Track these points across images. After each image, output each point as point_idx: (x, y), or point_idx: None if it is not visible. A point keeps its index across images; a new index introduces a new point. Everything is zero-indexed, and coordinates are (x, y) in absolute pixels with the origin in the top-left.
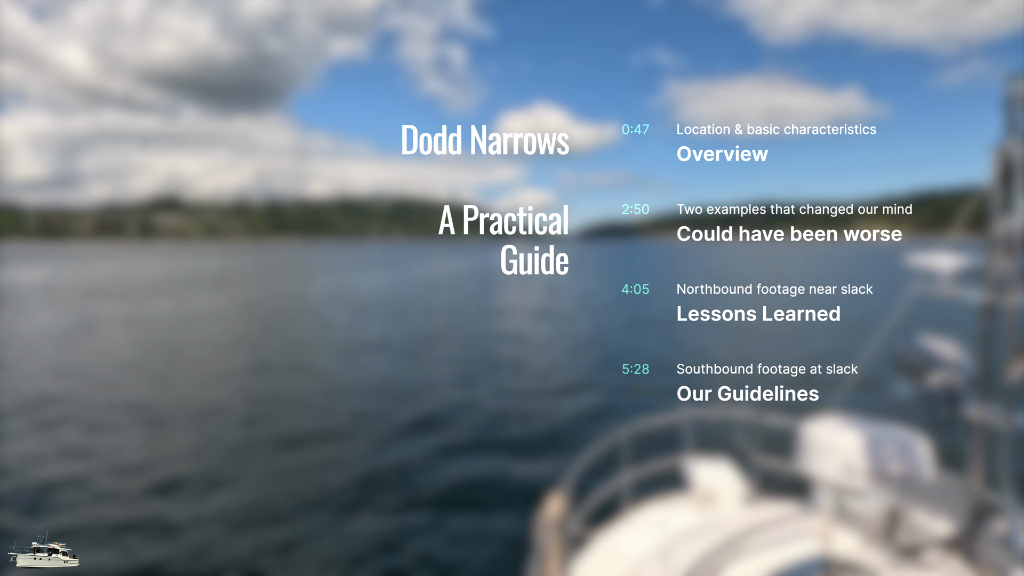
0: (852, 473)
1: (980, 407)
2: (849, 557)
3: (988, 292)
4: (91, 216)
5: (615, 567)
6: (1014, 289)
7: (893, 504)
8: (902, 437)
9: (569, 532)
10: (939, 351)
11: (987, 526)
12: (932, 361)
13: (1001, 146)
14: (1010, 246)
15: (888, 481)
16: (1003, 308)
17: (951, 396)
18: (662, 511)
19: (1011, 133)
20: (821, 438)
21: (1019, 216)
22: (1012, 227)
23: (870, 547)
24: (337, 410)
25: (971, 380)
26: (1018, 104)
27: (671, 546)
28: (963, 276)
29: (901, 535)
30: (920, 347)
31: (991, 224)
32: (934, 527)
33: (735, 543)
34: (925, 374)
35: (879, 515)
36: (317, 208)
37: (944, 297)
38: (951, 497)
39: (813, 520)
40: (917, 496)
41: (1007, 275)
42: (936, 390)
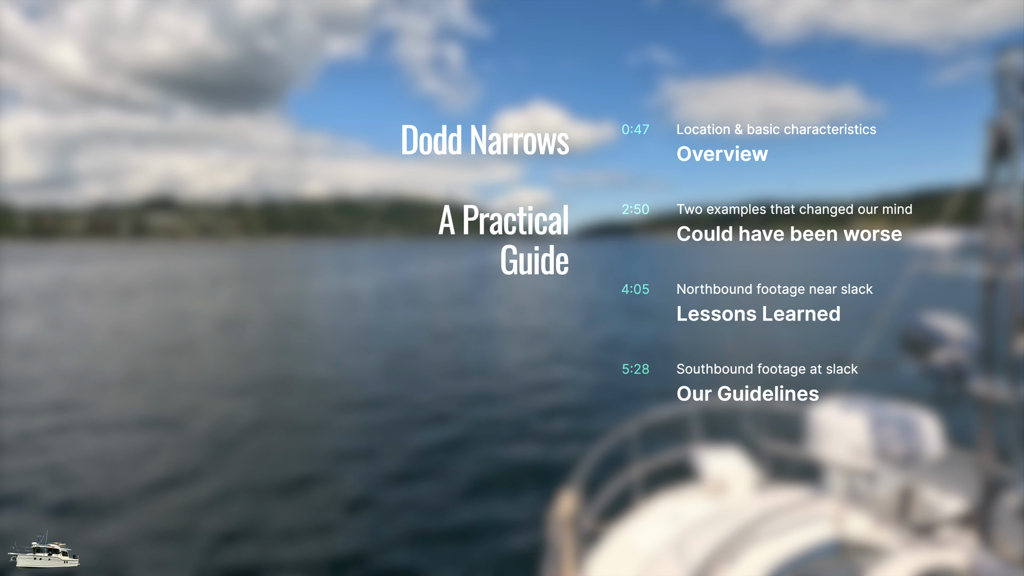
0: (862, 454)
1: (986, 382)
2: (863, 538)
3: (988, 266)
4: (83, 216)
5: (630, 561)
6: (1014, 262)
7: (905, 483)
8: (910, 416)
9: (582, 528)
10: (943, 328)
11: (1000, 500)
12: (937, 338)
13: (994, 120)
14: (1008, 219)
15: (898, 461)
16: (1004, 282)
17: (957, 372)
18: (674, 503)
19: (1003, 106)
20: (829, 421)
21: (1016, 188)
22: (1009, 200)
23: (883, 527)
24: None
25: (976, 355)
26: (1009, 77)
27: (685, 537)
28: (962, 252)
29: (914, 514)
30: (924, 325)
31: (988, 198)
32: (947, 504)
33: (749, 530)
34: (930, 351)
35: (891, 495)
36: (313, 208)
37: (944, 274)
38: (962, 474)
39: (825, 504)
40: (928, 474)
41: (1006, 248)
42: (942, 367)
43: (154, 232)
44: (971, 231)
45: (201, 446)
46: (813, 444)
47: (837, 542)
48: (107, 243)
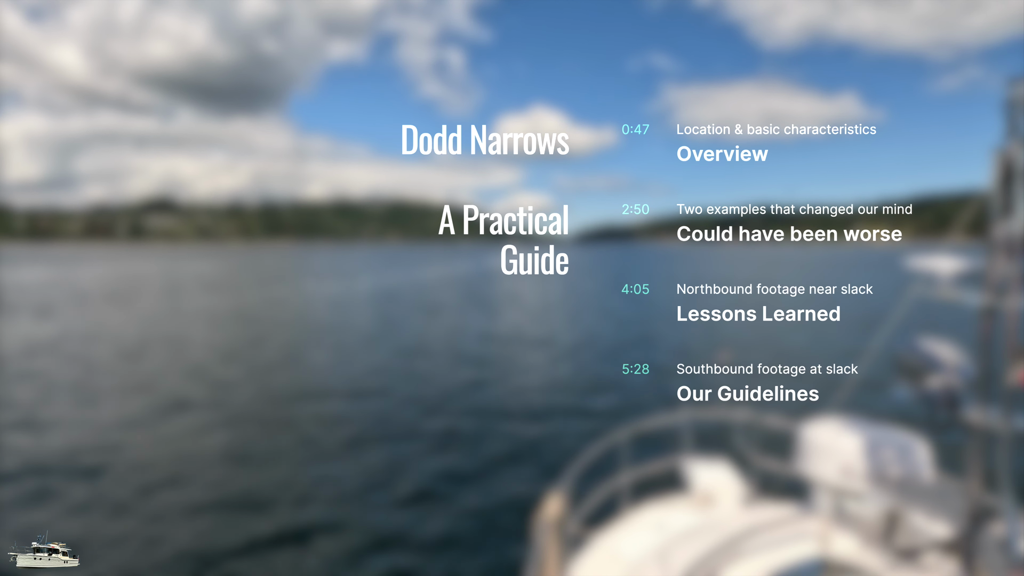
0: (851, 475)
1: (979, 410)
2: (848, 559)
3: (988, 295)
4: (80, 218)
5: (613, 568)
6: (1014, 292)
7: (892, 506)
8: (901, 439)
9: (568, 533)
10: (939, 354)
11: (986, 529)
12: (932, 363)
13: (1002, 149)
14: (1010, 249)
15: (887, 483)
16: (1003, 311)
17: (951, 399)
18: (661, 512)
19: (1012, 136)
20: (820, 440)
21: (1019, 219)
22: (1012, 230)
23: (869, 549)
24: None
25: (971, 383)
26: (1019, 108)
27: (669, 547)
28: (963, 279)
29: (899, 537)
30: (920, 349)
31: (991, 227)
32: (932, 530)
33: (734, 544)
34: (925, 376)
35: (878, 517)
36: (312, 210)
37: (944, 300)
38: (950, 500)
39: (812, 522)
40: (916, 499)
41: (1007, 278)
42: (935, 392)
43: (152, 234)
44: (973, 258)
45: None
46: (803, 462)
47: (821, 561)
48: (103, 245)
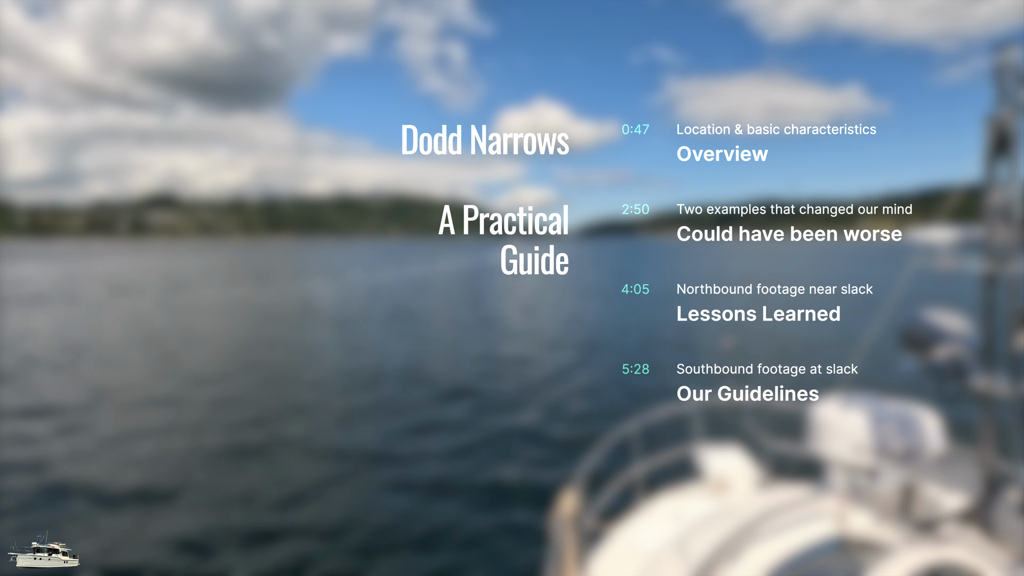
0: (863, 451)
1: (986, 378)
2: (865, 535)
3: (988, 262)
4: (82, 214)
5: (632, 560)
6: (1014, 258)
7: (906, 480)
8: (911, 412)
9: (584, 527)
10: (944, 324)
11: (1002, 496)
12: (937, 334)
13: (993, 116)
14: (1007, 215)
15: (900, 457)
16: (1004, 278)
17: (958, 368)
18: (676, 501)
19: (1003, 102)
20: (830, 418)
21: (1016, 184)
22: (1009, 196)
23: (886, 524)
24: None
25: (977, 351)
26: (1008, 73)
27: (687, 535)
28: (962, 248)
29: (916, 510)
30: (925, 321)
31: (987, 194)
32: (949, 501)
33: (751, 528)
34: (931, 348)
35: (893, 492)
36: (314, 205)
37: (944, 270)
38: (964, 470)
39: (827, 501)
40: (930, 471)
41: (1006, 244)
42: (942, 363)
43: (153, 230)
44: (971, 227)
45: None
46: (814, 441)
47: (839, 539)
48: (104, 241)
